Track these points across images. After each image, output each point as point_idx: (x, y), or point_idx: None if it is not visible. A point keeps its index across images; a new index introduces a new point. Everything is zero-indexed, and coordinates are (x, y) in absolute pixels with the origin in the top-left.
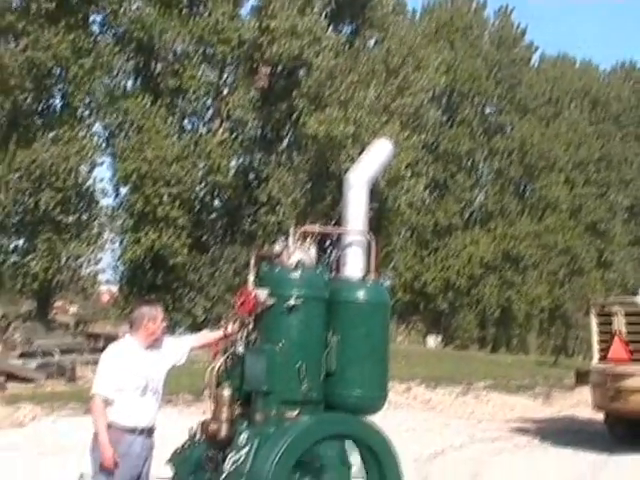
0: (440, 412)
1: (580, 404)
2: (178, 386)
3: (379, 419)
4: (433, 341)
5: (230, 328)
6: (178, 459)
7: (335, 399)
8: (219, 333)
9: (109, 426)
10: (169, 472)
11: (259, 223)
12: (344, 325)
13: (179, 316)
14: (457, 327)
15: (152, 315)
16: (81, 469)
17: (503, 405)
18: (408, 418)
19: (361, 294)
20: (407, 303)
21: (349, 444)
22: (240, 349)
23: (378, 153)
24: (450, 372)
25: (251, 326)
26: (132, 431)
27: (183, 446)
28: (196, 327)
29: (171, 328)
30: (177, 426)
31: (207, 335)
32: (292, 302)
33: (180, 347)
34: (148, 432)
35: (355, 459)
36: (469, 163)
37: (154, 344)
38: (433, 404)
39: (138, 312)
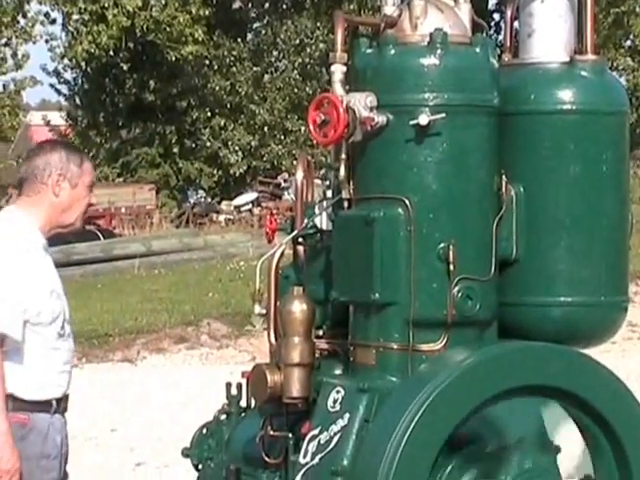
0: None
1: None
2: (199, 308)
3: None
4: None
5: (299, 179)
6: (203, 445)
7: (520, 315)
8: None
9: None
10: (184, 468)
11: None
12: (535, 162)
13: (186, 168)
14: None
15: (74, 173)
16: None
17: None
18: None
19: (569, 96)
20: None
21: (552, 410)
22: (323, 221)
23: None
24: None
25: (342, 173)
26: (46, 407)
27: (213, 422)
28: (220, 191)
29: (167, 193)
30: (199, 385)
31: None
32: (424, 118)
33: None
34: (65, 404)
35: (565, 437)
36: None
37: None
38: None
39: (43, 161)
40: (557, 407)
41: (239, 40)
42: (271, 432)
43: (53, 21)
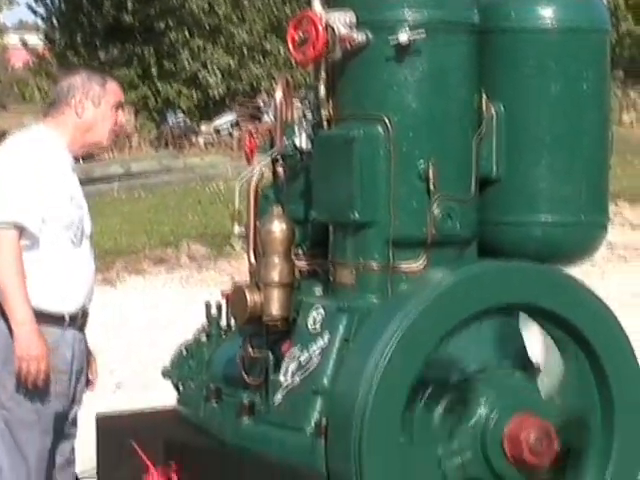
0: None
1: None
2: (178, 230)
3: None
4: None
5: (278, 99)
6: (183, 366)
7: (501, 234)
8: None
9: None
10: (164, 389)
11: None
12: (516, 81)
13: (165, 90)
14: None
15: (96, 92)
16: None
17: None
18: None
19: (549, 13)
20: None
21: (532, 331)
22: (302, 141)
23: None
24: None
25: (321, 92)
26: (57, 320)
27: (193, 343)
28: (200, 113)
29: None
30: (179, 307)
31: None
32: (403, 36)
33: None
34: (83, 321)
35: (546, 361)
36: None
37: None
38: None
39: (67, 84)
40: (539, 329)
41: None
42: (251, 352)
43: None
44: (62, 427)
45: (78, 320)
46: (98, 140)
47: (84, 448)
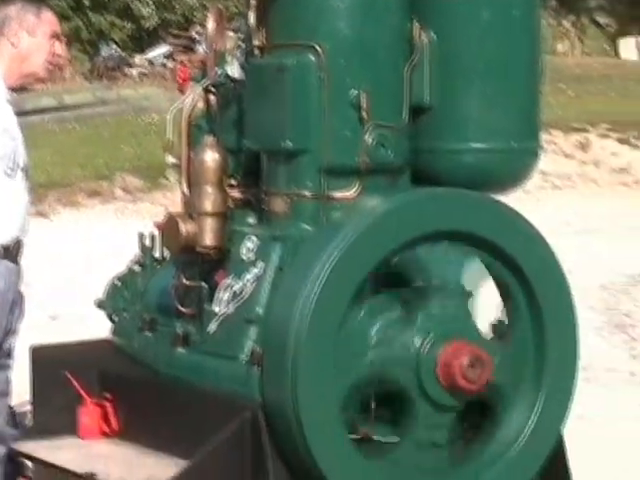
0: None
1: None
2: (113, 162)
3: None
4: (631, 49)
5: (210, 29)
6: (117, 297)
7: (433, 162)
8: None
9: None
10: (99, 321)
11: None
12: (446, 8)
13: (97, 21)
14: None
15: (31, 22)
16: None
17: None
18: (585, 206)
19: None
20: None
21: (467, 255)
22: (235, 70)
23: None
24: None
25: (252, 20)
26: None
27: (127, 273)
28: (133, 44)
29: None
30: (113, 239)
31: None
32: None
33: None
34: (17, 252)
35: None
36: None
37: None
38: (633, 174)
39: (2, 14)
40: (472, 252)
41: None
42: (185, 282)
43: None
44: None
45: (12, 251)
46: (34, 70)
47: (19, 380)
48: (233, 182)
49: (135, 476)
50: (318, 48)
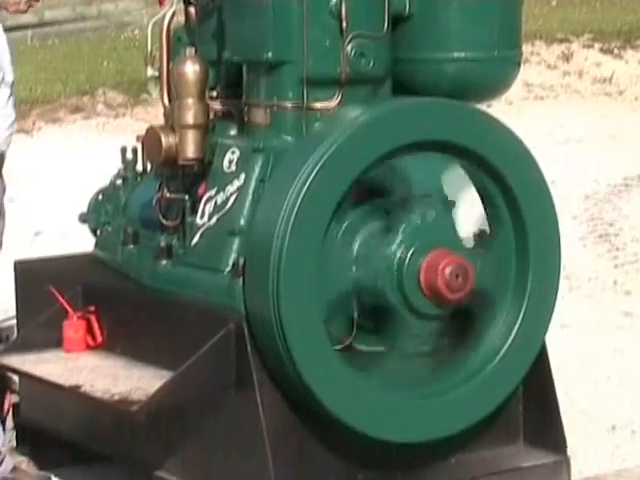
0: (630, 107)
1: None
2: (94, 77)
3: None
4: None
5: None
6: (100, 210)
7: (414, 72)
8: None
9: None
10: (82, 235)
11: None
12: None
13: None
14: None
15: None
16: None
17: None
18: (568, 116)
19: None
20: None
21: (447, 165)
22: None
23: None
24: None
25: None
26: None
27: (110, 187)
28: None
29: None
30: (96, 154)
31: None
32: None
33: None
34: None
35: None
36: None
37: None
38: (616, 84)
39: None
40: (453, 163)
41: None
42: (167, 194)
43: None
44: None
45: None
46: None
47: (4, 295)
48: (214, 94)
49: (120, 388)
50: None
